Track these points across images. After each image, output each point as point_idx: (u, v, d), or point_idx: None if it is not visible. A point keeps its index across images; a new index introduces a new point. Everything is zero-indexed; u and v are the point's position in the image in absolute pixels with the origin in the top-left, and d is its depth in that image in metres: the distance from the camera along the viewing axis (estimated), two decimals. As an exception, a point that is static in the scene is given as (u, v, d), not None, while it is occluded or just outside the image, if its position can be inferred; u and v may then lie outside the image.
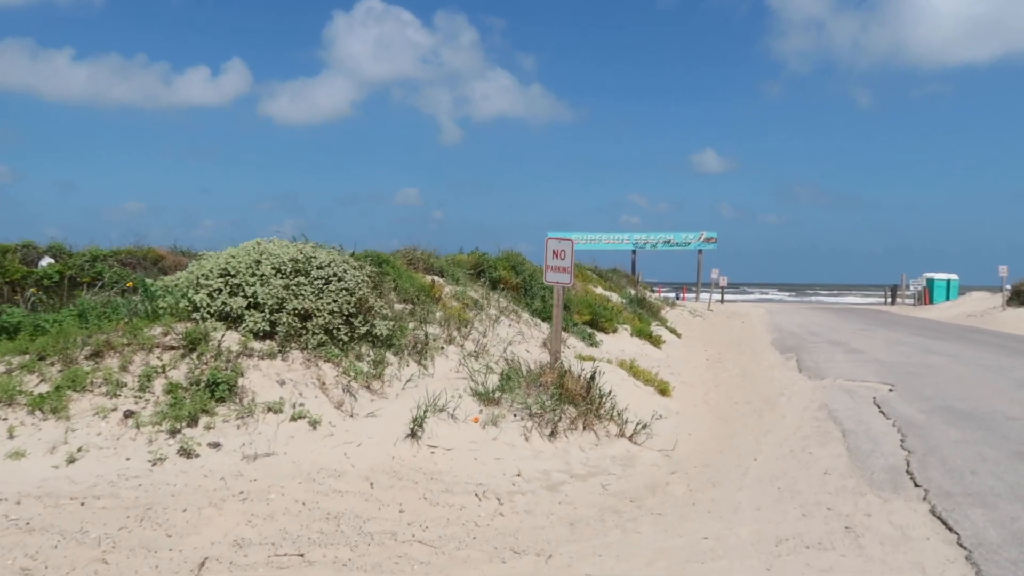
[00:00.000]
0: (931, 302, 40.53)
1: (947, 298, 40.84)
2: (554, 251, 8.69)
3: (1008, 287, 30.70)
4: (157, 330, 6.59)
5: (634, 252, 44.66)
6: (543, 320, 13.38)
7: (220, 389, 5.88)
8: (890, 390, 10.49)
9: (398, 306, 9.60)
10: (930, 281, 42.33)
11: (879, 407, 9.20)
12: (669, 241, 45.26)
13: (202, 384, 5.91)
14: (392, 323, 8.11)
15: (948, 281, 42.18)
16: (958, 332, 21.66)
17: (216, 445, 5.46)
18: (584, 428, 7.33)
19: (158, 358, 6.22)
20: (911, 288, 46.14)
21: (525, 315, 13.27)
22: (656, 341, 16.54)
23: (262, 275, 7.27)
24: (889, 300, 48.19)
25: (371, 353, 7.73)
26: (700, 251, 44.54)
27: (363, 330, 7.75)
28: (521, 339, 11.44)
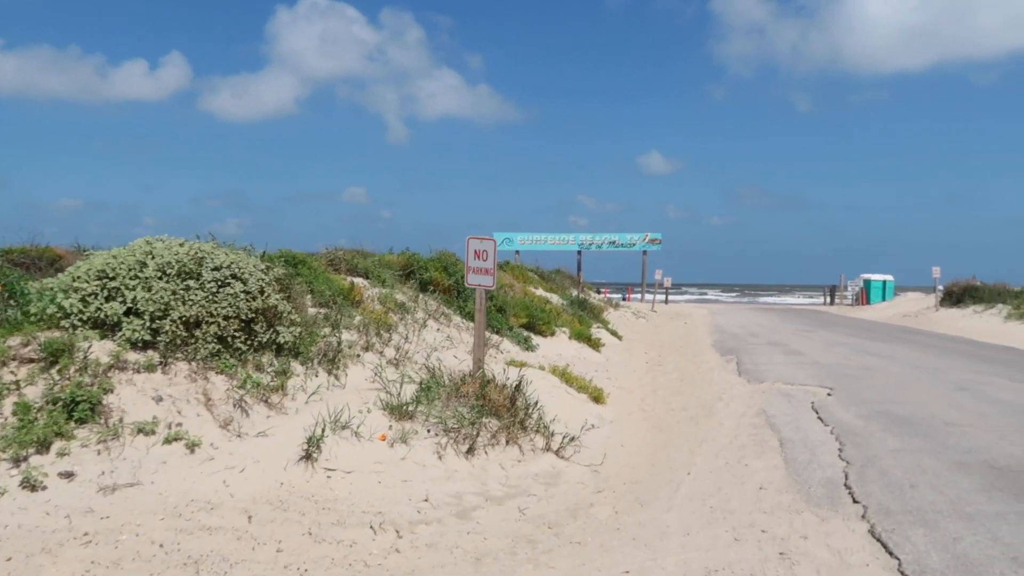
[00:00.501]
0: (868, 302, 41.35)
1: (883, 298, 41.74)
2: (475, 251, 8.12)
3: (940, 288, 31.35)
4: (16, 340, 5.77)
5: (579, 253, 44.43)
6: (476, 324, 12.77)
7: (80, 408, 5.12)
8: (828, 394, 10.23)
9: (312, 310, 8.88)
10: (867, 282, 43.22)
11: (817, 412, 8.88)
12: (614, 242, 44.77)
13: (60, 403, 5.13)
14: (299, 329, 7.40)
15: (884, 282, 43.13)
16: (894, 333, 21.86)
17: (68, 475, 4.71)
18: (507, 443, 6.77)
19: (12, 372, 5.41)
20: (849, 289, 47.12)
21: (457, 319, 12.67)
22: (595, 344, 16.12)
23: (146, 278, 6.49)
24: (828, 301, 49.10)
25: (275, 363, 7.02)
26: (645, 252, 44.29)
27: (265, 337, 7.03)
28: (450, 344, 10.83)
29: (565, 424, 7.57)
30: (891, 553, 4.54)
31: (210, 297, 6.62)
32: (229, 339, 6.65)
